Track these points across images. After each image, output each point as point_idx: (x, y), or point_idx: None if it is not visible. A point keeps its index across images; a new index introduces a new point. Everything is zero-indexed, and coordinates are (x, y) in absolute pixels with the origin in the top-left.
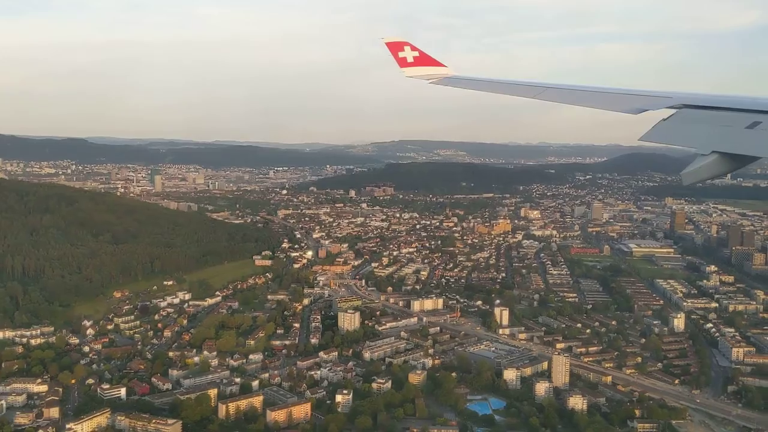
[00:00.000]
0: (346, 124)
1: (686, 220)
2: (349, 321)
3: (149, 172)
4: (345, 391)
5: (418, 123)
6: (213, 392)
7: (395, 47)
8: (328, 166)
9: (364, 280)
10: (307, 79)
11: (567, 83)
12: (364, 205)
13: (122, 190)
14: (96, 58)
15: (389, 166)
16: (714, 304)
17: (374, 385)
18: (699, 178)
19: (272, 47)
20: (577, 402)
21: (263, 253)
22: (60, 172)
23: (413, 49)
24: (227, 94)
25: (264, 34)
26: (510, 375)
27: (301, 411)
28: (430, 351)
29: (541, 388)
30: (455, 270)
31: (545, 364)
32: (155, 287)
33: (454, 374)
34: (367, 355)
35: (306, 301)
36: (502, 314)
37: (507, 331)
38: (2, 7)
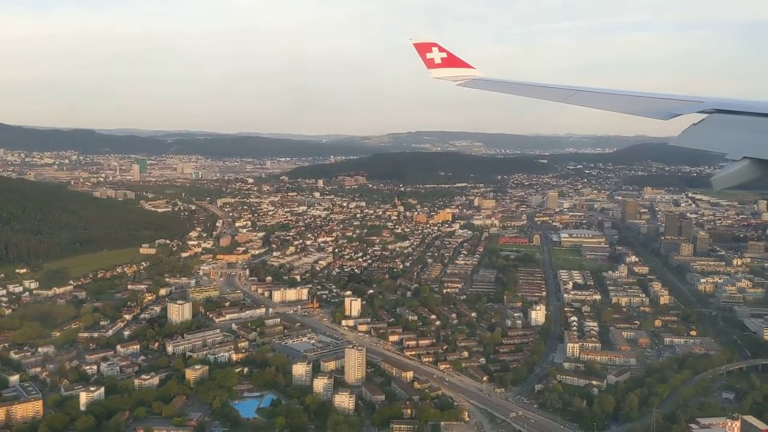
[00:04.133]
0: (368, 116)
1: (644, 210)
2: (178, 312)
3: (134, 162)
4: (93, 388)
5: (441, 114)
6: None
7: (423, 48)
8: (332, 156)
9: (248, 270)
10: (330, 71)
11: (597, 86)
12: (317, 194)
13: (101, 179)
14: (119, 50)
15: (375, 156)
16: (596, 297)
17: (136, 381)
18: (730, 184)
19: (296, 38)
20: (342, 400)
21: (158, 242)
22: (57, 162)
23: (441, 50)
24: (253, 85)
25: (288, 24)
26: (298, 370)
27: (31, 409)
28: (240, 345)
29: (319, 384)
30: (358, 260)
31: None
32: (2, 275)
33: (245, 369)
34: (169, 348)
35: (163, 291)
36: (351, 305)
37: (351, 322)
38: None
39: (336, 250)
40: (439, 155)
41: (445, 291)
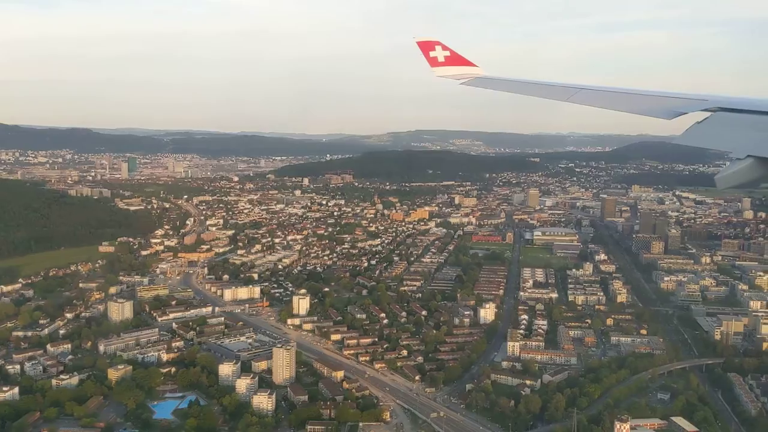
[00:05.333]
0: (369, 115)
1: (626, 208)
2: (118, 311)
3: (126, 160)
4: (6, 388)
5: (443, 113)
6: None
7: (426, 46)
8: (328, 155)
9: (207, 269)
10: (333, 70)
11: (600, 84)
12: (297, 192)
13: (90, 177)
14: (123, 51)
15: (366, 155)
16: (553, 295)
17: (54, 382)
18: (734, 183)
19: (299, 38)
20: (261, 401)
21: (119, 240)
22: (50, 161)
23: (444, 48)
24: (256, 85)
25: (290, 24)
26: (225, 370)
27: None
28: (175, 344)
29: (242, 384)
30: (324, 258)
31: None
32: None
33: (172, 369)
34: (101, 348)
35: (113, 290)
36: (299, 303)
37: (297, 321)
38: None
39: (303, 248)
40: (432, 153)
41: (402, 289)
